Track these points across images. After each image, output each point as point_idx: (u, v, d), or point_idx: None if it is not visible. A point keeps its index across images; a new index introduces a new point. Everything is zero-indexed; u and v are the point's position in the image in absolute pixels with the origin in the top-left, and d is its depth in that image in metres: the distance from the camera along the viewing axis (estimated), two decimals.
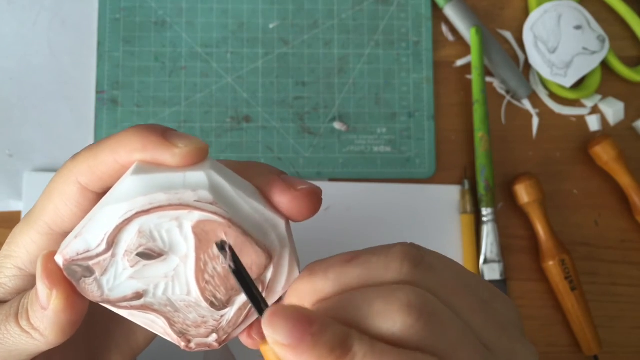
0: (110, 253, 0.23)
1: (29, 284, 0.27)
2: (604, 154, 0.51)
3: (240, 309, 0.24)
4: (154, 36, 0.51)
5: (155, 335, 0.30)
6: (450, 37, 0.54)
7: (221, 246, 0.22)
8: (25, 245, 0.26)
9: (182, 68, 0.51)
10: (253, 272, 0.23)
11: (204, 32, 0.52)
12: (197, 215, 0.22)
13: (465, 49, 0.54)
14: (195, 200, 0.22)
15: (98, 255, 0.23)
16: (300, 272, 0.24)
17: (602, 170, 0.53)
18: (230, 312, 0.24)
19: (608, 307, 0.52)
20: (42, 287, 0.24)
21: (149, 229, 0.23)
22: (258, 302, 0.22)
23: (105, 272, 0.23)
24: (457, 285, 0.23)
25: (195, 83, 0.51)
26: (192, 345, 0.25)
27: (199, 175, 0.23)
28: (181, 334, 0.25)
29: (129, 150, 0.23)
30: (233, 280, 0.23)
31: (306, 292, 0.23)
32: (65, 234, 0.25)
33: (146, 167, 0.23)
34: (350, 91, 0.52)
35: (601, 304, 0.52)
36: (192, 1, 0.52)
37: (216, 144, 0.51)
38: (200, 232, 0.23)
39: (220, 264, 0.23)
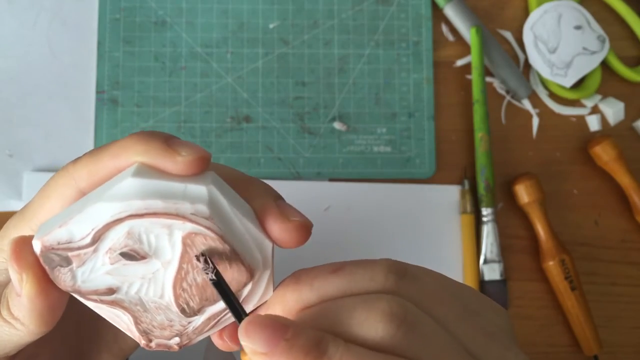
0: (93, 248, 0.23)
1: None
2: (604, 154, 0.51)
3: (209, 319, 0.25)
4: (154, 36, 0.51)
5: None
6: (450, 37, 0.54)
7: (202, 257, 0.23)
8: None
9: (182, 68, 0.51)
10: (232, 287, 0.24)
11: (204, 32, 0.52)
12: (189, 227, 0.22)
13: (465, 49, 0.54)
14: (191, 213, 0.22)
15: (80, 248, 0.23)
16: (278, 284, 0.25)
17: (602, 170, 0.53)
18: (198, 320, 0.25)
19: (608, 307, 0.52)
20: (12, 272, 0.24)
21: (139, 232, 0.22)
22: (238, 312, 0.23)
23: (83, 265, 0.23)
24: (443, 295, 0.23)
25: (195, 83, 0.51)
26: (153, 344, 0.25)
27: (200, 189, 0.23)
28: (145, 332, 0.25)
29: (131, 155, 0.23)
30: (209, 292, 0.24)
31: (291, 299, 0.23)
32: None
33: (147, 171, 0.23)
34: (350, 91, 0.52)
35: (601, 304, 0.52)
36: (192, 1, 0.52)
37: (216, 144, 0.51)
38: (189, 243, 0.23)
39: (201, 276, 0.23)
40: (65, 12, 0.51)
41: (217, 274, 0.23)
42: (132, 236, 0.22)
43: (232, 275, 0.23)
